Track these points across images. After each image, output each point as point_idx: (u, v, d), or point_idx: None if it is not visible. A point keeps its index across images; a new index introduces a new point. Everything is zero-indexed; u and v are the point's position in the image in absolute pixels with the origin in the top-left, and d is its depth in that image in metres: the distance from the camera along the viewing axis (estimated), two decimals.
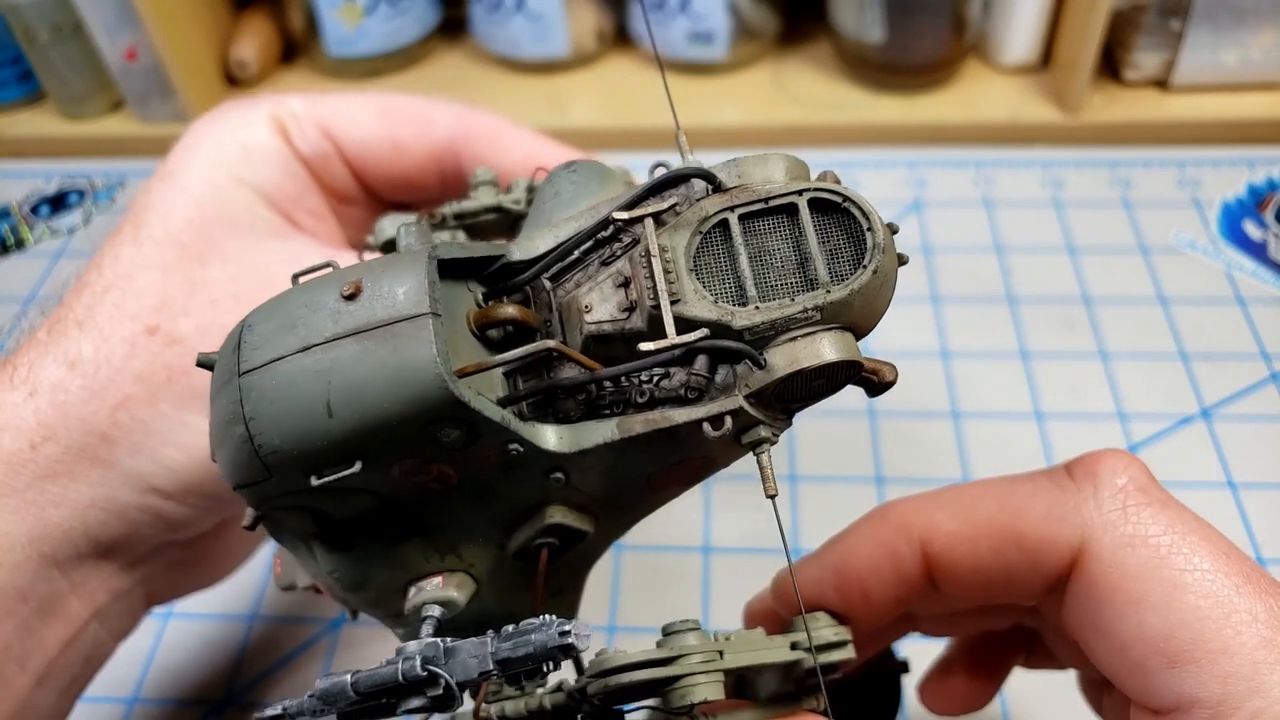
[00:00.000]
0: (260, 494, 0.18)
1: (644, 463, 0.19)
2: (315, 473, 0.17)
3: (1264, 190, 0.49)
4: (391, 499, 0.18)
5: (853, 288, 0.17)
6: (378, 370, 0.17)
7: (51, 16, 0.53)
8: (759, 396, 0.17)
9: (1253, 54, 0.50)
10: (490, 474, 0.18)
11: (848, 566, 0.22)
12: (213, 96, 0.56)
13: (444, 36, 0.60)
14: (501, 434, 0.17)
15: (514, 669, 0.17)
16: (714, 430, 0.17)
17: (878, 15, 0.51)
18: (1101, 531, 0.19)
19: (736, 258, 0.18)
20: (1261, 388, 0.40)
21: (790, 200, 0.18)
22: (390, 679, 0.16)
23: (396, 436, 0.17)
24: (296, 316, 0.18)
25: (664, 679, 0.18)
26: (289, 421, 0.17)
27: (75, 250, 0.52)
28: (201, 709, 0.33)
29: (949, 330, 0.43)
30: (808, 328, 0.17)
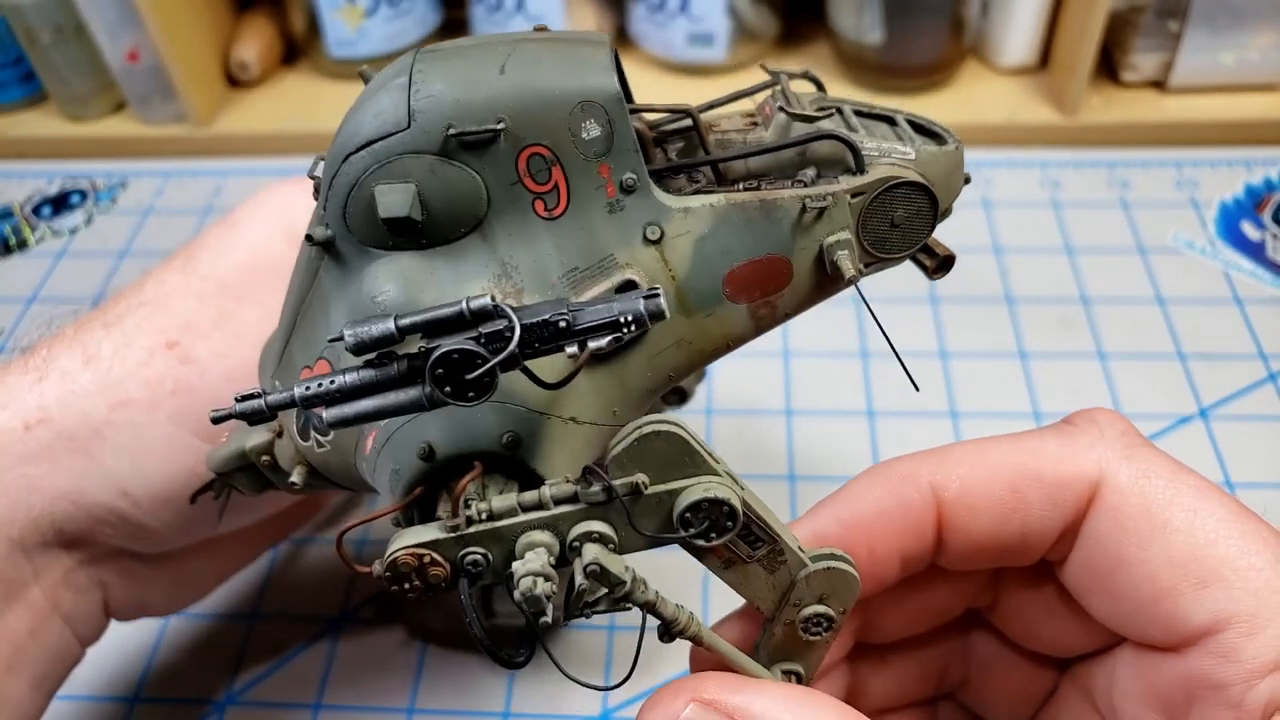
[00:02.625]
0: (376, 155, 0.18)
1: (731, 248, 0.20)
2: (458, 123, 0.18)
3: (1261, 191, 0.49)
4: (494, 206, 0.19)
5: (942, 147, 0.21)
6: (558, 52, 0.19)
7: (53, 17, 0.53)
8: (857, 196, 0.20)
9: (1250, 55, 0.50)
10: (596, 211, 0.19)
11: (853, 517, 0.20)
12: (214, 97, 0.56)
13: (445, 37, 0.60)
14: (627, 155, 0.19)
15: (589, 319, 0.16)
16: (814, 202, 0.19)
17: (877, 17, 0.51)
18: (1117, 464, 0.19)
19: (849, 120, 0.21)
20: (1259, 388, 0.40)
21: (890, 114, 0.22)
22: (452, 315, 0.16)
23: (549, 108, 0.18)
24: (481, 37, 0.20)
25: (700, 456, 0.17)
26: (458, 73, 0.18)
27: (77, 251, 0.52)
28: (203, 708, 0.33)
29: (948, 330, 0.43)
30: (904, 162, 0.20)
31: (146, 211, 0.54)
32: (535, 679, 0.33)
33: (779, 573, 0.19)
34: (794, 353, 0.43)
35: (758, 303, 0.21)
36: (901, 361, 0.20)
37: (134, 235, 0.52)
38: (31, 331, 0.30)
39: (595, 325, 0.16)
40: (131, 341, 0.27)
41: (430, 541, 0.18)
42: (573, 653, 0.34)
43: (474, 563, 0.18)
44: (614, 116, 0.19)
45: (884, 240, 0.21)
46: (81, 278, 0.50)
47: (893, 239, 0.21)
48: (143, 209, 0.54)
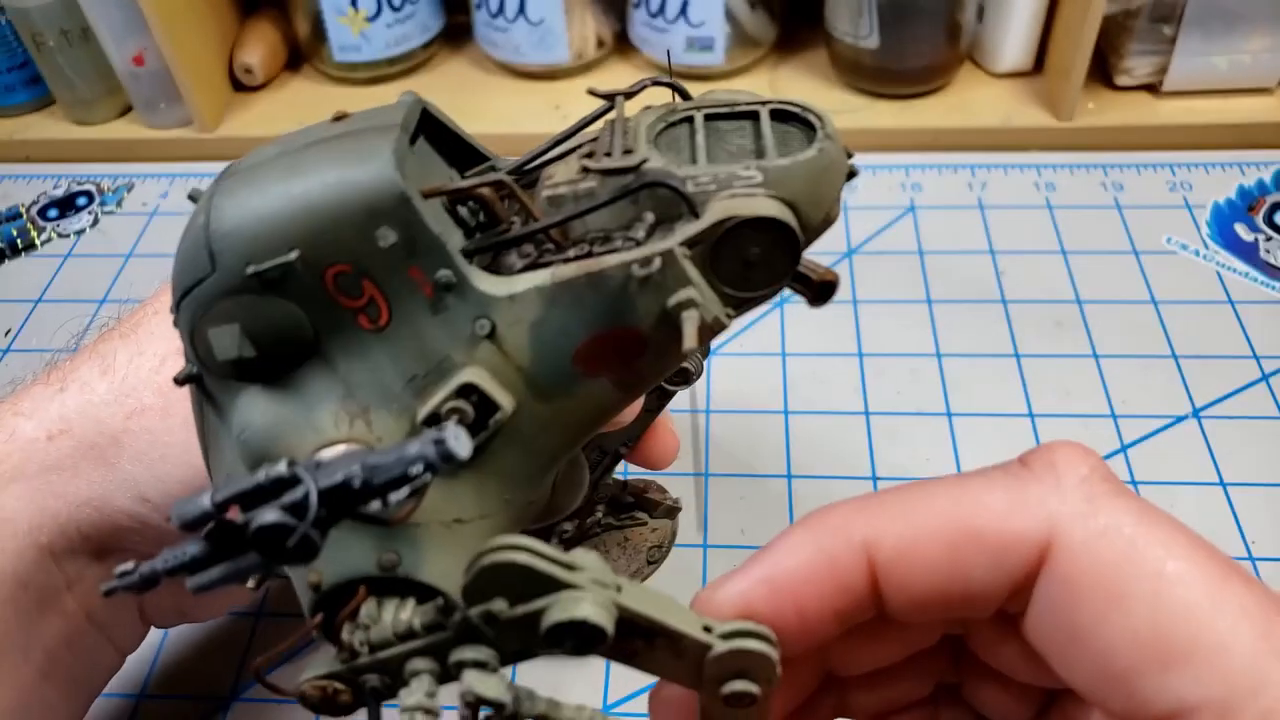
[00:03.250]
0: (199, 301, 0.18)
1: (571, 327, 0.18)
2: (255, 260, 0.17)
3: (1255, 193, 0.49)
4: (319, 329, 0.18)
5: (796, 158, 0.18)
6: (337, 158, 0.18)
7: (59, 21, 0.53)
8: (693, 247, 0.17)
9: (1244, 59, 0.51)
10: (420, 314, 0.18)
11: (779, 577, 0.18)
12: (219, 101, 0.57)
13: (447, 43, 0.61)
14: (434, 253, 0.17)
15: (383, 474, 0.15)
16: (641, 269, 0.17)
17: (873, 22, 0.51)
18: (1071, 522, 0.17)
19: (695, 137, 0.19)
20: (1252, 388, 0.40)
21: (754, 109, 0.19)
22: (250, 484, 0.15)
23: (337, 226, 0.17)
24: (286, 138, 0.19)
25: (550, 578, 0.16)
26: (244, 205, 0.17)
27: (83, 252, 0.52)
28: (208, 705, 0.34)
29: (942, 331, 0.44)
30: (749, 188, 0.17)
31: (152, 214, 0.54)
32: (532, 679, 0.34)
33: (685, 656, 0.18)
34: (791, 353, 0.43)
35: (618, 373, 0.19)
36: None
37: (140, 237, 0.53)
38: (58, 338, 0.30)
39: (388, 481, 0.15)
40: (145, 349, 0.27)
41: (327, 674, 0.18)
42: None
43: (373, 688, 0.18)
44: (405, 218, 0.17)
45: (744, 280, 0.18)
46: (88, 279, 0.50)
47: (754, 277, 0.18)
48: (148, 211, 0.54)
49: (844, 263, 0.47)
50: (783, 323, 0.45)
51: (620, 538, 0.35)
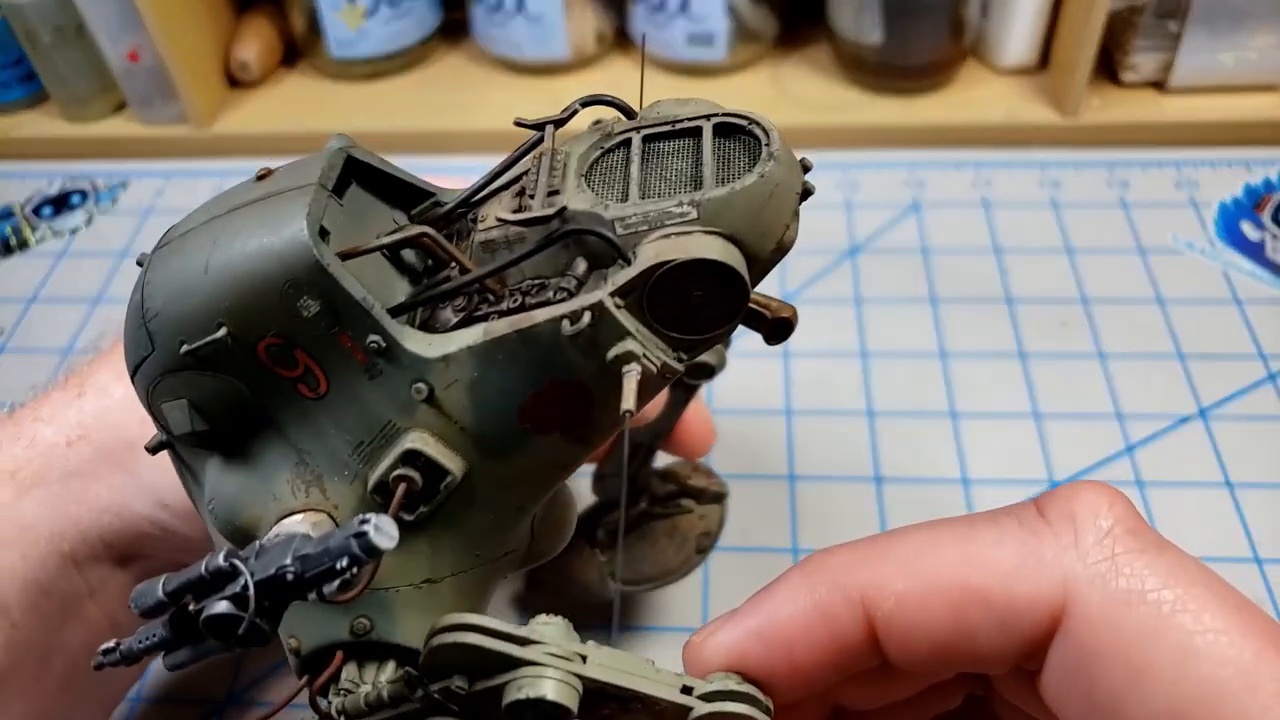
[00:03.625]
0: (146, 377, 0.18)
1: (510, 385, 0.17)
2: (187, 338, 0.17)
3: (1261, 191, 0.49)
4: (263, 400, 0.18)
5: (734, 187, 0.16)
6: (254, 226, 0.17)
7: (54, 18, 0.53)
8: (626, 296, 0.16)
9: (1250, 55, 0.50)
10: (357, 380, 0.17)
11: (772, 630, 0.17)
12: (215, 98, 0.56)
13: (445, 38, 0.60)
14: (361, 319, 0.17)
15: (313, 566, 0.15)
16: (571, 325, 0.16)
17: (876, 18, 0.51)
18: (1089, 586, 0.15)
19: (630, 166, 0.17)
20: (1259, 388, 0.40)
21: (697, 124, 0.18)
22: (195, 575, 0.16)
23: (260, 299, 0.17)
24: (216, 200, 0.18)
25: (505, 656, 0.16)
26: (172, 282, 0.17)
27: (78, 251, 0.52)
28: (203, 708, 0.34)
29: (947, 331, 0.43)
30: (683, 226, 0.16)
31: (147, 212, 0.54)
32: None
33: (666, 718, 0.17)
34: (794, 353, 0.43)
35: (568, 427, 0.18)
36: None
37: (135, 236, 0.52)
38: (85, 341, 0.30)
39: (318, 574, 0.15)
40: None
41: None
42: None
43: None
44: (325, 287, 0.16)
45: (689, 324, 0.17)
46: (82, 278, 0.50)
47: (699, 319, 0.17)
48: (143, 209, 0.54)
49: (847, 261, 0.47)
50: None
51: (668, 527, 0.34)
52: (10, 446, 0.26)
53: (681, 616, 0.34)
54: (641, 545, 0.33)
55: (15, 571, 0.24)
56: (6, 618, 0.24)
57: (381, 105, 0.57)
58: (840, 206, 0.50)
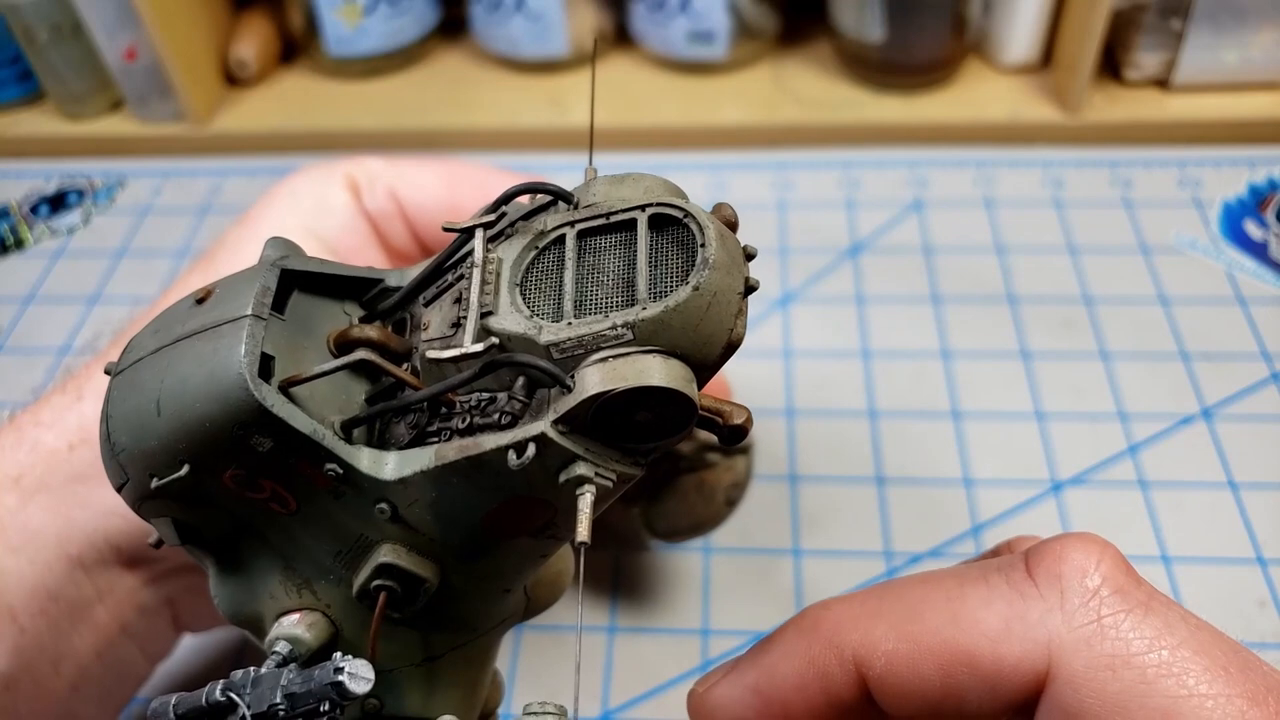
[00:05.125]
0: (128, 500, 0.18)
1: (470, 501, 0.17)
2: (155, 474, 0.17)
3: (1265, 190, 0.48)
4: (241, 518, 0.18)
5: (668, 304, 0.15)
6: (196, 369, 0.17)
7: (51, 16, 0.53)
8: (569, 423, 0.15)
9: (1254, 53, 0.50)
10: (324, 500, 0.18)
11: (770, 688, 0.18)
12: (212, 96, 0.56)
13: (444, 36, 0.60)
14: (313, 449, 0.17)
15: (301, 705, 0.16)
16: (516, 458, 0.16)
17: (878, 15, 0.51)
18: (1073, 652, 0.15)
19: (564, 272, 0.17)
20: (1263, 388, 0.40)
21: (631, 216, 0.17)
22: (197, 704, 0.17)
23: (213, 440, 0.17)
24: (163, 322, 0.18)
25: None
26: (130, 419, 0.17)
27: (75, 250, 0.51)
28: None
29: (949, 330, 0.43)
30: (620, 348, 0.15)
31: (145, 211, 0.53)
32: (532, 681, 0.33)
33: None
34: (795, 352, 0.43)
35: (538, 531, 0.18)
36: None
37: (132, 234, 0.52)
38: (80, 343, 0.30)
39: (306, 712, 0.16)
40: None
41: None
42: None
43: None
44: (272, 426, 0.16)
45: (640, 437, 0.16)
46: (79, 277, 0.50)
47: (650, 433, 0.16)
48: (141, 208, 0.54)
49: (848, 260, 0.47)
50: (786, 322, 0.44)
51: (695, 481, 0.34)
52: (12, 453, 0.26)
53: (681, 617, 0.34)
54: (671, 500, 0.33)
55: (23, 577, 0.24)
56: (14, 623, 0.24)
57: (380, 103, 0.57)
58: (841, 205, 0.50)
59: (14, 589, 0.24)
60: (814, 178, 0.51)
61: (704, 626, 0.34)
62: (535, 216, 0.18)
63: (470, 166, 0.31)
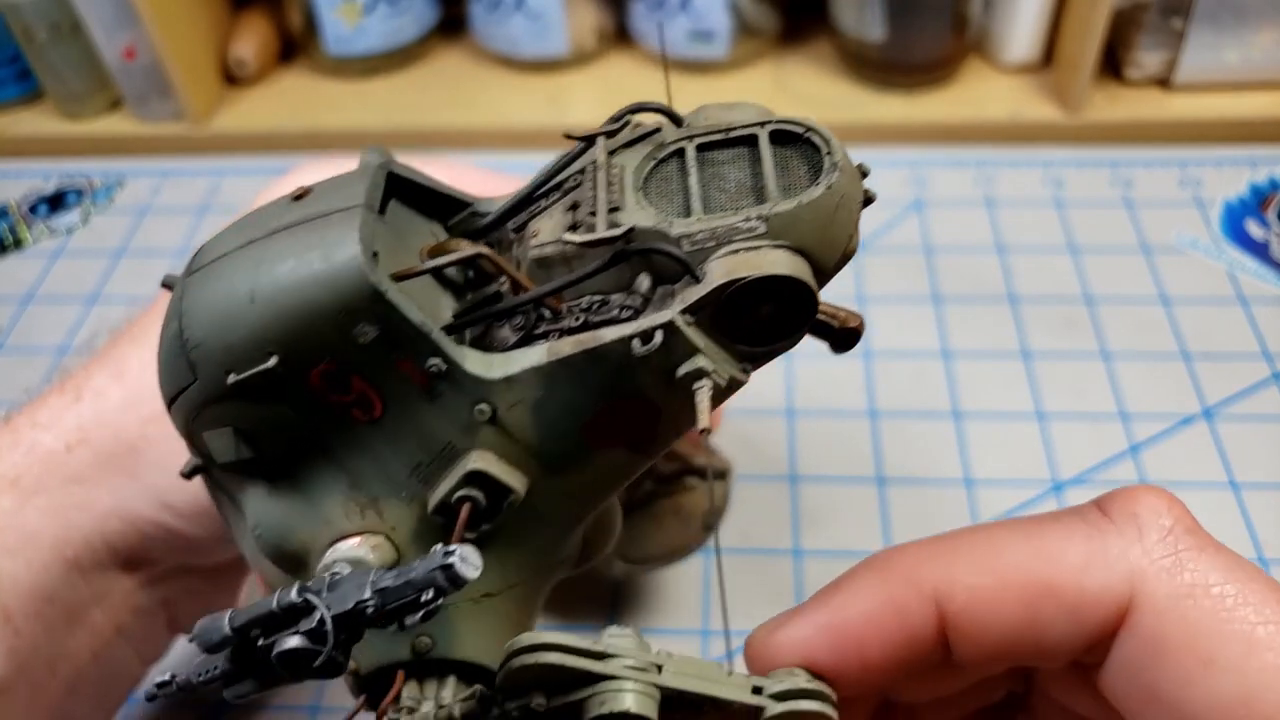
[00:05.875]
0: (187, 406, 0.18)
1: (576, 403, 0.17)
2: (234, 369, 0.16)
3: (1266, 189, 0.48)
4: (314, 426, 0.17)
5: (802, 200, 0.16)
6: (301, 254, 0.16)
7: (50, 15, 0.52)
8: (696, 313, 0.16)
9: (1255, 53, 0.50)
10: (416, 403, 0.17)
11: (844, 625, 0.18)
12: (211, 95, 0.56)
13: (443, 35, 0.60)
14: (420, 343, 0.16)
15: (394, 599, 0.15)
16: (642, 345, 0.16)
17: (878, 14, 0.51)
18: (1155, 580, 0.16)
19: (687, 178, 0.17)
20: (1264, 388, 0.40)
21: (751, 132, 0.17)
22: (265, 610, 0.15)
23: (313, 328, 0.16)
24: (249, 221, 0.18)
25: (585, 672, 0.16)
26: (214, 311, 0.17)
27: (74, 250, 0.51)
28: (200, 709, 0.33)
29: (950, 330, 0.43)
30: (751, 241, 0.16)
31: (144, 210, 0.53)
32: None
33: (740, 718, 0.17)
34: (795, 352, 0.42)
35: (634, 443, 0.18)
36: None
37: (131, 234, 0.52)
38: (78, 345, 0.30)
39: (400, 606, 0.15)
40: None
41: None
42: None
43: None
44: (382, 313, 0.16)
45: (758, 338, 0.17)
46: (78, 277, 0.50)
47: (768, 332, 0.17)
48: (140, 208, 0.54)
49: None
50: None
51: (673, 506, 0.34)
52: (10, 454, 0.25)
53: (681, 618, 0.34)
54: (648, 525, 0.33)
55: (19, 580, 0.24)
56: (10, 626, 0.24)
57: (379, 102, 0.57)
58: None
59: (10, 592, 0.24)
60: None
61: (704, 627, 0.34)
62: (647, 139, 0.18)
63: (470, 167, 0.31)
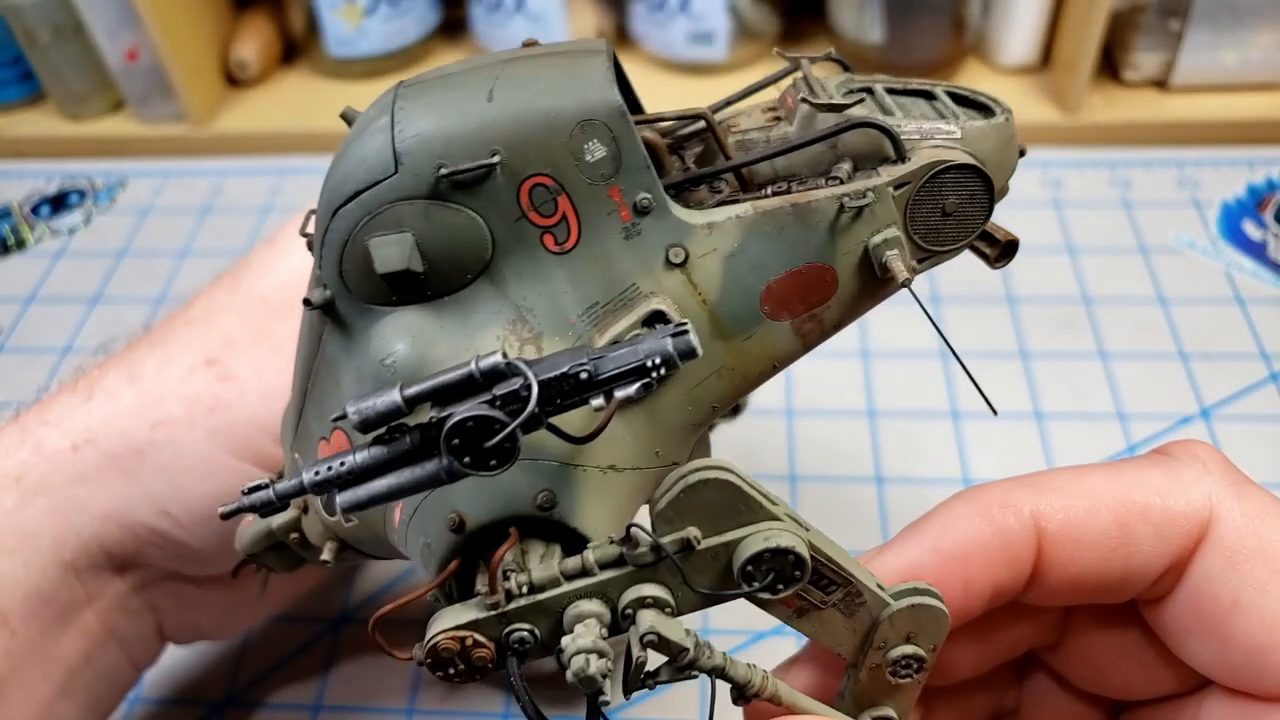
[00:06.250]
0: (371, 203, 0.17)
1: (767, 260, 0.18)
2: (449, 161, 0.17)
3: (1263, 190, 0.49)
4: (499, 244, 0.17)
5: (991, 120, 0.19)
6: (550, 68, 0.17)
7: (52, 17, 0.53)
8: (900, 188, 0.18)
9: (1252, 54, 0.50)
10: (610, 239, 0.18)
11: (950, 547, 0.18)
12: (213, 96, 0.56)
13: (444, 37, 0.60)
14: (639, 174, 0.17)
15: (611, 366, 0.14)
16: (852, 201, 0.18)
17: (877, 16, 0.51)
18: (1231, 502, 0.18)
19: (883, 100, 0.20)
20: (1261, 388, 0.40)
21: (927, 88, 0.20)
22: (461, 378, 0.14)
23: (547, 134, 0.17)
24: (470, 59, 0.19)
25: (755, 501, 0.16)
26: (443, 105, 0.17)
27: (76, 250, 0.52)
28: (202, 708, 0.33)
29: (949, 330, 0.43)
30: (949, 142, 0.19)
31: (145, 211, 0.54)
32: (535, 681, 0.33)
33: (858, 615, 0.18)
34: None
35: (801, 317, 0.19)
36: (970, 375, 0.19)
37: (133, 235, 0.52)
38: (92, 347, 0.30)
39: (620, 373, 0.15)
40: (173, 359, 0.27)
41: (470, 622, 0.16)
42: None
43: (520, 640, 0.16)
44: (618, 133, 0.17)
45: (936, 231, 0.19)
46: (80, 278, 0.50)
47: (946, 229, 0.19)
48: (141, 208, 0.54)
49: None
50: None
51: None
52: (16, 451, 0.26)
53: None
54: None
55: (17, 580, 0.24)
56: (6, 626, 0.24)
57: None
58: None
59: (8, 592, 0.24)
60: None
61: (704, 626, 0.34)
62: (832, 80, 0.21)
63: None
